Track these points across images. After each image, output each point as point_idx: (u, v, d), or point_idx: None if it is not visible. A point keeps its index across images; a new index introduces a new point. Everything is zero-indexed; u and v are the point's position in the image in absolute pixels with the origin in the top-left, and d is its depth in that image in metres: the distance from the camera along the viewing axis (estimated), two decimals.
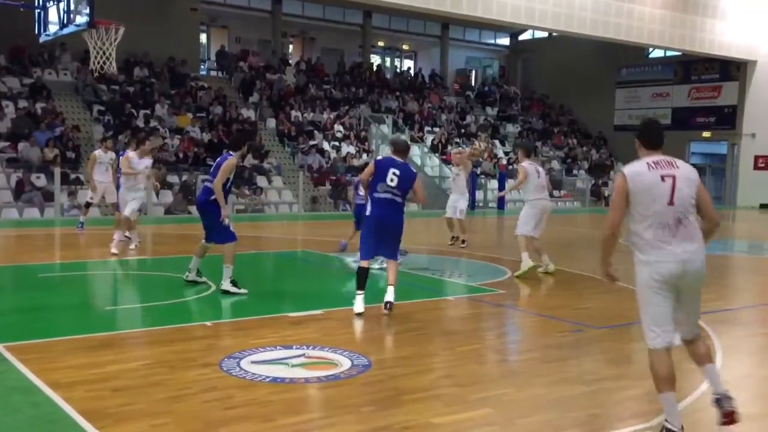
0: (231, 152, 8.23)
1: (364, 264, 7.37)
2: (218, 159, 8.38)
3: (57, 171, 17.65)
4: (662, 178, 4.26)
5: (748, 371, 6.20)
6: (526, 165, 10.62)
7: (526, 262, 10.15)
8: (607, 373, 5.71)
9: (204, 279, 8.68)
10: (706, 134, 31.64)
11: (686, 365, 6.05)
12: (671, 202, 4.25)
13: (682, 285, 4.28)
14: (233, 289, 8.11)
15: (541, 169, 10.88)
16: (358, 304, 7.20)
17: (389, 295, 7.28)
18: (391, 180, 7.29)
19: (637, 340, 6.97)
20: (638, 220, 4.33)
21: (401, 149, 7.59)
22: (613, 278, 4.67)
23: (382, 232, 7.34)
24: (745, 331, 7.59)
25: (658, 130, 4.58)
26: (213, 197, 8.09)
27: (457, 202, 13.41)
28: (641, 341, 6.91)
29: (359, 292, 7.27)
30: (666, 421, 4.30)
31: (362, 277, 7.34)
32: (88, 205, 14.25)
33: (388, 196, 7.30)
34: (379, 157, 7.68)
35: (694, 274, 4.30)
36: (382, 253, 7.65)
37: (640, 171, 4.31)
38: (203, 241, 8.57)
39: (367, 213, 7.43)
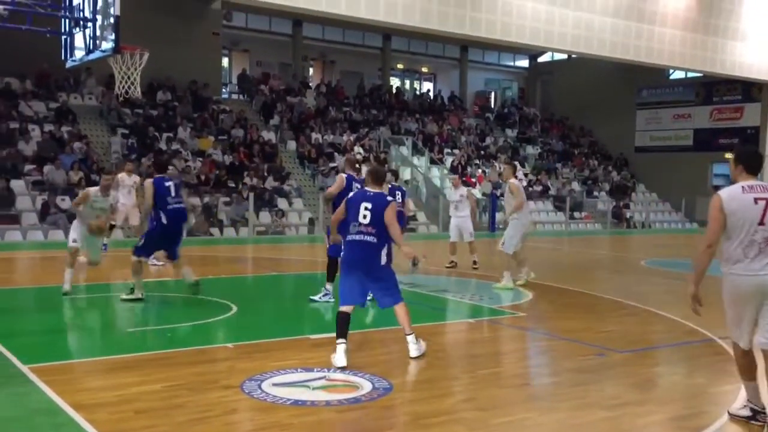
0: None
1: (345, 309, 6.32)
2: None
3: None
4: (755, 200, 4.79)
5: None
6: (517, 182, 10.76)
7: (508, 281, 10.55)
8: (631, 398, 5.64)
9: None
10: (728, 155, 31.30)
11: (715, 389, 5.97)
12: (761, 223, 4.78)
13: (763, 299, 4.83)
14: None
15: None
16: (339, 356, 6.05)
17: (412, 350, 6.43)
18: (364, 217, 6.24)
19: (661, 365, 6.90)
20: (730, 238, 4.87)
21: (377, 178, 6.45)
22: (697, 301, 5.02)
23: (363, 277, 6.34)
24: None
25: (759, 158, 5.10)
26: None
27: (465, 225, 13.52)
28: (665, 365, 6.86)
29: (340, 341, 6.14)
30: (749, 401, 5.08)
31: (343, 324, 6.24)
32: (111, 227, 14.36)
33: (360, 237, 6.26)
34: (351, 194, 6.66)
35: None
36: (378, 299, 6.63)
37: (736, 193, 4.85)
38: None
39: (341, 256, 6.53)
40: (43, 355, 6.39)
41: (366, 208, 6.26)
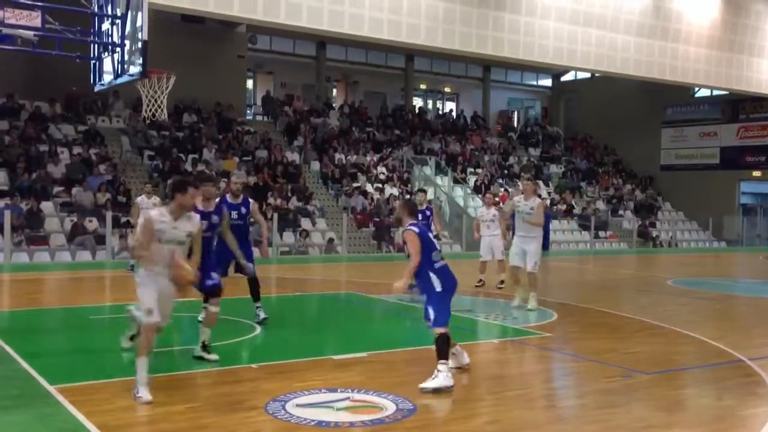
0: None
1: (447, 331, 6.41)
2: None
3: (108, 215, 18.13)
4: None
5: None
6: (540, 200, 10.68)
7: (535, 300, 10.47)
8: (658, 421, 5.56)
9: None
10: (756, 174, 30.98)
11: (743, 411, 5.87)
12: None
13: None
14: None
15: None
16: (448, 377, 6.10)
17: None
18: (438, 243, 6.86)
19: (688, 387, 6.79)
20: None
21: (413, 211, 6.76)
22: None
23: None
24: None
25: None
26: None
27: (496, 243, 13.40)
28: (693, 387, 6.76)
29: (444, 362, 6.18)
30: None
31: (447, 345, 6.39)
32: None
33: (444, 262, 6.55)
34: (415, 229, 6.49)
35: None
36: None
37: None
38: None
39: (440, 287, 6.41)
40: (69, 375, 6.46)
41: (434, 237, 6.86)
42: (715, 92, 31.04)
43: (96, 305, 11.15)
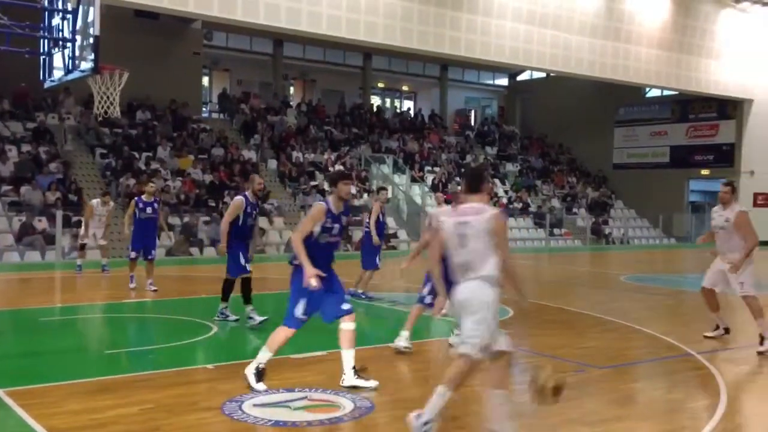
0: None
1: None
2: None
3: (59, 214, 17.73)
4: None
5: (752, 410, 6.15)
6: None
7: None
8: (611, 414, 5.67)
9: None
10: (704, 172, 31.81)
11: (693, 404, 6.02)
12: None
13: None
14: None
15: None
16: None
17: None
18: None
19: (640, 380, 6.94)
20: None
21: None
22: None
23: None
24: (748, 369, 7.55)
25: None
26: None
27: None
28: (644, 381, 6.90)
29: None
30: None
31: None
32: (82, 246, 14.66)
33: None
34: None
35: None
36: None
37: None
38: None
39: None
40: (19, 378, 6.29)
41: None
42: (666, 92, 31.78)
43: (46, 306, 10.89)
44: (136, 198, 12.22)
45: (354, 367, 6.06)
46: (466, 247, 4.68)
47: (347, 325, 6.09)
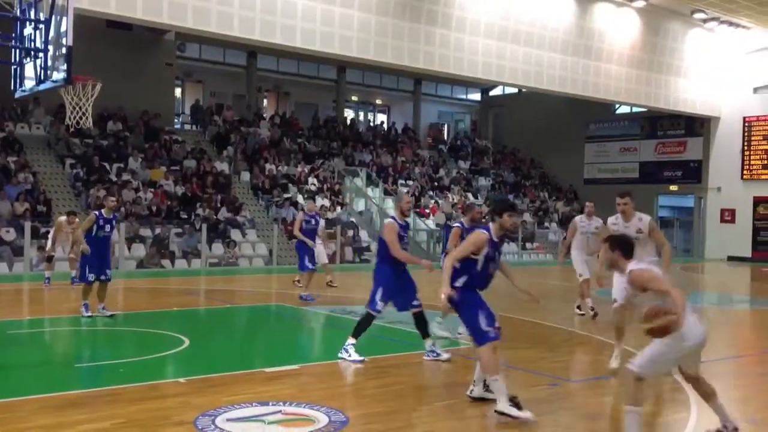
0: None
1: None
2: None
3: (27, 225, 17.45)
4: None
5: None
6: None
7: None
8: (583, 428, 5.71)
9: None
10: (673, 188, 32.33)
11: (664, 418, 6.08)
12: None
13: None
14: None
15: None
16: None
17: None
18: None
19: (612, 394, 7.00)
20: None
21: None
22: None
23: None
24: (719, 384, 7.63)
25: None
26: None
27: None
28: (616, 395, 6.96)
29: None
30: None
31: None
32: (50, 258, 14.41)
33: None
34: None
35: None
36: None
37: None
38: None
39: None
40: None
41: None
42: (635, 109, 32.28)
43: (13, 319, 10.69)
44: (96, 213, 10.58)
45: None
46: None
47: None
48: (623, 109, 33.64)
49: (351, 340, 7.67)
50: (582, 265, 11.64)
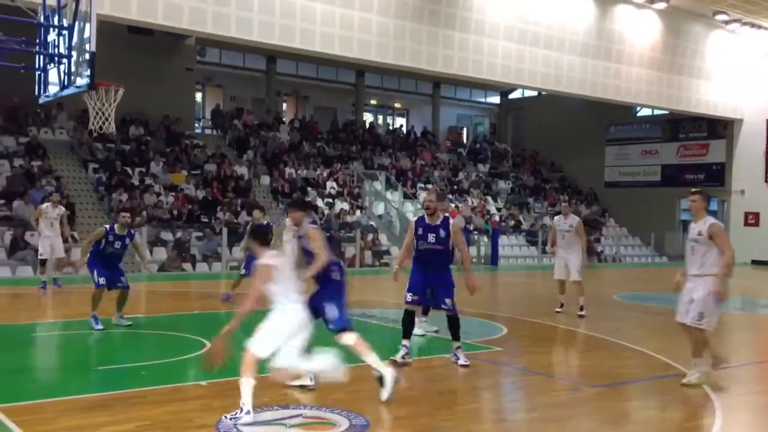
0: None
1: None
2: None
3: None
4: None
5: (748, 430, 6.16)
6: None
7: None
8: None
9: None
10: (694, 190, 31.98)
11: (688, 423, 6.03)
12: None
13: None
14: None
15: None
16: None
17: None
18: None
19: (634, 399, 6.95)
20: None
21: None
22: None
23: None
24: (743, 390, 7.56)
25: None
26: None
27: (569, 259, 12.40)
28: (638, 400, 6.91)
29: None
30: None
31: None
32: (43, 262, 13.99)
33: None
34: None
35: None
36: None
37: None
38: None
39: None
40: (13, 394, 6.25)
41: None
42: (656, 112, 32.02)
43: (38, 322, 10.81)
44: (107, 227, 9.82)
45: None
46: None
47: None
48: (644, 112, 33.37)
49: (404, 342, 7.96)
50: (559, 266, 12.66)
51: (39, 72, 9.24)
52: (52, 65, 9.04)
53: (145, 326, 10.52)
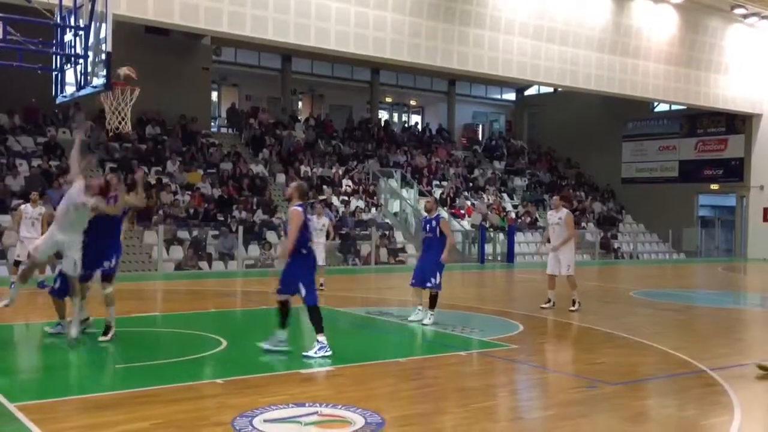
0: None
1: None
2: None
3: None
4: None
5: (767, 428, 6.09)
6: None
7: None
8: (621, 431, 5.62)
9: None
10: (714, 187, 31.70)
11: (706, 421, 5.97)
12: None
13: None
14: None
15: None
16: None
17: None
18: None
19: (652, 397, 6.89)
20: None
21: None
22: None
23: None
24: (762, 386, 7.48)
25: None
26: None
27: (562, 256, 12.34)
28: (656, 398, 6.86)
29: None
30: None
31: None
32: (17, 263, 13.33)
33: None
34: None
35: None
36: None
37: None
38: None
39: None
40: (30, 393, 6.31)
41: None
42: (674, 107, 31.74)
43: (51, 321, 10.88)
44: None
45: None
46: None
47: None
48: (662, 107, 33.11)
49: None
50: (551, 260, 12.59)
51: (56, 72, 9.30)
52: (68, 66, 9.09)
53: (162, 324, 10.59)
